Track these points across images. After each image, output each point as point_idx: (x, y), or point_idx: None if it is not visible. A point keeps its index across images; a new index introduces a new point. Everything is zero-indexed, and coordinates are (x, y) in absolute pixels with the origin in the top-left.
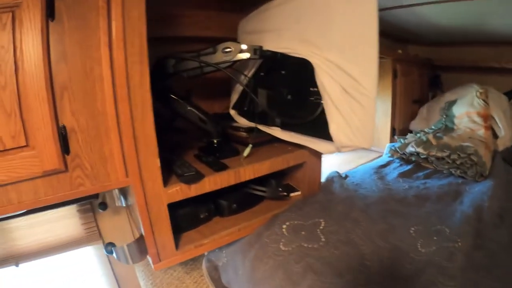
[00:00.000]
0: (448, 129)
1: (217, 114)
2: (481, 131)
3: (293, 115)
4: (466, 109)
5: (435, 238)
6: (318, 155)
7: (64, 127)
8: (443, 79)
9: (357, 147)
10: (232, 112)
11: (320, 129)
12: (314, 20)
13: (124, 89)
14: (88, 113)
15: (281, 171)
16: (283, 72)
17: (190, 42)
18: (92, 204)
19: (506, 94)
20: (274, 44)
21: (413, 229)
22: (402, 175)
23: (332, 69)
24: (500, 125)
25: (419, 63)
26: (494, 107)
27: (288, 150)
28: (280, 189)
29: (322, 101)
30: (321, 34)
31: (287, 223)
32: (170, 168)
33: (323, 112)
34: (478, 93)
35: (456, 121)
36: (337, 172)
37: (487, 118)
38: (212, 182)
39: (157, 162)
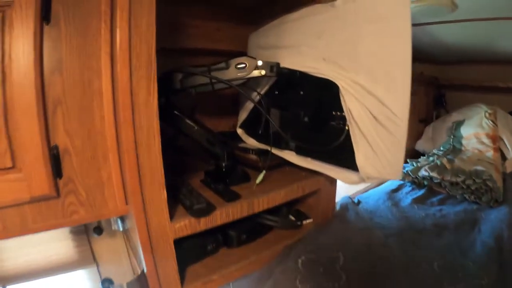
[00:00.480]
0: (456, 150)
1: (223, 133)
2: (490, 153)
3: (311, 140)
4: (475, 130)
5: (460, 274)
6: (333, 181)
7: (56, 147)
8: (447, 98)
9: (384, 179)
10: (240, 131)
11: (343, 157)
12: (338, 38)
13: (128, 109)
14: (84, 132)
15: None
16: (301, 92)
17: (198, 55)
18: (86, 226)
19: (511, 113)
20: (293, 61)
21: (436, 263)
22: (416, 201)
23: (361, 93)
24: (508, 146)
25: (425, 82)
26: (502, 128)
27: (302, 176)
28: (291, 216)
29: (346, 127)
30: (347, 54)
31: (303, 257)
32: (175, 196)
33: (346, 139)
34: (487, 114)
35: (464, 142)
36: (350, 198)
37: (496, 139)
38: (224, 214)
39: (164, 194)
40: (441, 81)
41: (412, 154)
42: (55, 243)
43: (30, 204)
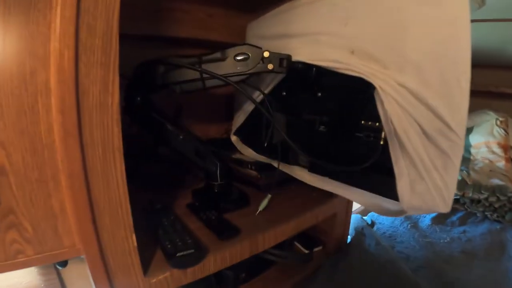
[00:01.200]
0: (464, 159)
1: (214, 140)
2: (501, 163)
3: (329, 155)
4: (485, 138)
5: None
6: (350, 202)
7: None
8: None
9: (431, 212)
10: (234, 138)
11: (376, 181)
12: (374, 23)
13: (72, 112)
14: (25, 144)
15: None
16: (319, 94)
17: (186, 45)
18: None
19: None
20: (308, 53)
21: None
22: (436, 221)
23: (406, 99)
24: None
25: None
26: None
27: (314, 199)
28: (297, 243)
29: (381, 141)
30: (387, 46)
31: None
32: (155, 233)
33: (382, 156)
34: (498, 122)
35: (472, 150)
36: (362, 218)
37: (507, 149)
38: (219, 259)
39: (133, 241)
40: None
41: None
42: (18, 271)
43: None
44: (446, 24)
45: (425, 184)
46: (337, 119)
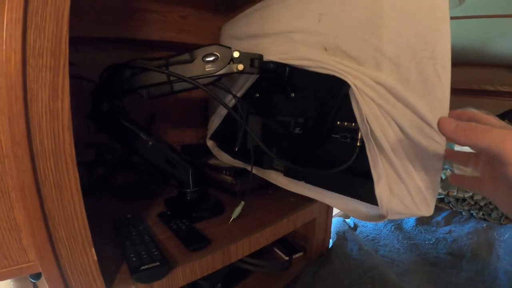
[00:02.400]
0: None
1: (190, 146)
2: None
3: (305, 158)
4: None
5: None
6: (330, 207)
7: None
8: None
9: (412, 215)
10: (210, 143)
11: (354, 184)
12: (349, 19)
13: (19, 118)
14: None
15: None
16: (292, 94)
17: (158, 48)
18: None
19: (500, 116)
20: (281, 52)
21: None
22: (420, 222)
23: (383, 97)
24: None
25: None
26: None
27: (291, 204)
28: (277, 249)
29: (358, 143)
30: (361, 40)
31: None
32: (122, 244)
33: (360, 159)
34: None
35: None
36: (345, 221)
37: None
38: (188, 271)
39: (92, 255)
40: None
41: None
42: None
43: None
44: (424, 16)
45: (405, 187)
46: (312, 121)
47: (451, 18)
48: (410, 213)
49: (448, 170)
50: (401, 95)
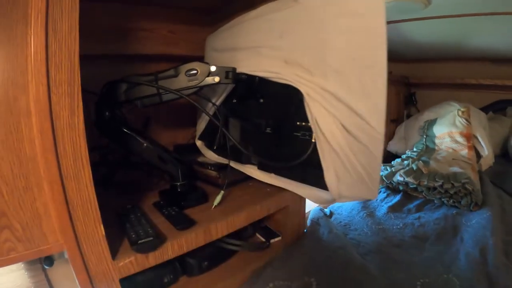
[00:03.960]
0: (429, 149)
1: (181, 146)
2: (465, 152)
3: (274, 153)
4: (448, 129)
5: None
6: (302, 197)
7: None
8: (418, 96)
9: (359, 199)
10: (199, 143)
11: (311, 174)
12: (303, 37)
13: (48, 133)
14: (13, 158)
15: None
16: (261, 100)
17: (151, 61)
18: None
19: (481, 110)
20: (251, 65)
21: (419, 282)
22: (392, 209)
23: (329, 101)
24: (483, 144)
25: (395, 81)
26: (476, 125)
27: (266, 193)
28: (257, 234)
29: (313, 139)
30: (313, 56)
31: (271, 285)
32: (123, 226)
33: (314, 153)
34: (460, 112)
35: (437, 141)
36: (321, 210)
37: (470, 137)
38: (176, 246)
39: (101, 230)
40: (411, 79)
41: (384, 155)
42: (9, 274)
43: None
44: (363, 33)
45: (350, 175)
46: (279, 122)
47: (430, 18)
48: (356, 196)
49: (421, 161)
50: (344, 99)
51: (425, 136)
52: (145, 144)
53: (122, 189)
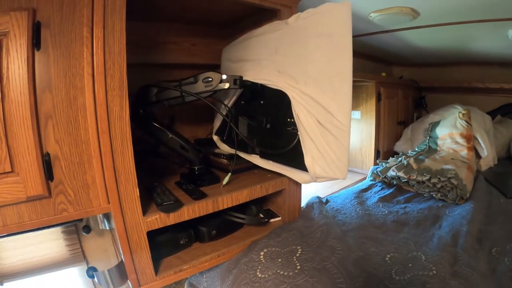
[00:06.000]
0: (431, 150)
1: (200, 140)
2: (464, 152)
3: (271, 144)
4: (449, 130)
5: (410, 265)
6: (297, 182)
7: (48, 154)
8: (428, 100)
9: (332, 179)
10: (215, 138)
11: (297, 160)
12: (291, 52)
13: (105, 121)
14: (71, 141)
15: (262, 197)
16: (262, 102)
17: (176, 68)
18: (76, 226)
19: (489, 113)
20: (254, 74)
21: (388, 256)
22: (382, 199)
23: (308, 102)
24: (483, 145)
25: (403, 85)
26: (477, 127)
27: (268, 178)
28: (261, 215)
29: (298, 132)
30: (298, 67)
31: (265, 250)
32: (151, 196)
33: (299, 143)
34: (460, 114)
35: (439, 142)
36: (318, 198)
37: (470, 139)
38: (191, 210)
39: (136, 192)
40: (421, 83)
41: (391, 155)
42: (48, 243)
43: (26, 204)
44: (334, 49)
45: (323, 159)
46: (275, 119)
47: (423, 26)
48: (329, 176)
49: (412, 158)
50: (318, 100)
51: (428, 138)
52: (170, 135)
53: (150, 172)
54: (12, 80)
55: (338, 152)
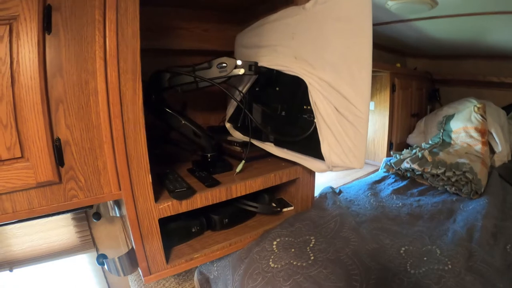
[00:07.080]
0: (445, 143)
1: (213, 127)
2: (478, 146)
3: (286, 132)
4: (464, 124)
5: (425, 259)
6: (311, 171)
7: (58, 139)
8: (442, 92)
9: (348, 168)
10: (228, 125)
11: (312, 148)
12: (308, 38)
13: (117, 105)
14: (82, 126)
15: (274, 186)
16: (277, 88)
17: (188, 54)
18: (86, 213)
19: (504, 108)
20: (270, 60)
21: (403, 249)
22: (396, 191)
23: (325, 89)
24: (497, 140)
25: (417, 77)
26: (492, 122)
27: (282, 166)
28: (273, 204)
29: (314, 120)
30: (315, 53)
31: (278, 240)
32: (163, 182)
33: (315, 131)
34: (475, 108)
35: (453, 135)
36: (331, 188)
37: (484, 133)
38: (204, 198)
39: (149, 178)
40: (434, 75)
41: (404, 147)
42: (58, 229)
43: (36, 189)
44: (353, 34)
45: (340, 147)
46: (290, 106)
47: (441, 16)
48: (346, 165)
49: (427, 151)
50: (336, 87)
51: (442, 131)
52: (183, 121)
53: (161, 159)
54: (23, 64)
55: (356, 140)
